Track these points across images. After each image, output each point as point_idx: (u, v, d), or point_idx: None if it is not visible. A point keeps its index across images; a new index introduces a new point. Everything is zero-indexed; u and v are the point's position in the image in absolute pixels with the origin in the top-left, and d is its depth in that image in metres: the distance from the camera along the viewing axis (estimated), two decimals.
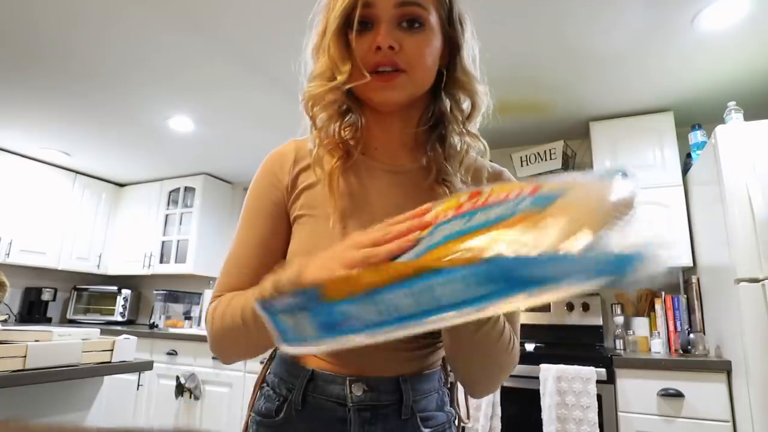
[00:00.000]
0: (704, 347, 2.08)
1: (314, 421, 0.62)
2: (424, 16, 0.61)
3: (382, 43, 0.58)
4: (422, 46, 0.61)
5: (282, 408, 0.63)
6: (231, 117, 2.76)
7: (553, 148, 2.66)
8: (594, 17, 1.77)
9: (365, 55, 0.60)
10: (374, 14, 0.60)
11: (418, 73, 0.62)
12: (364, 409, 0.61)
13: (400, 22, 0.60)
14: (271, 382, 0.67)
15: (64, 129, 3.02)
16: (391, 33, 0.59)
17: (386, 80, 0.60)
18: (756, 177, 1.78)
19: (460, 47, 0.66)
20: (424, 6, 0.61)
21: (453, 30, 0.65)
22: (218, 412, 2.78)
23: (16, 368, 1.33)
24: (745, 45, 1.92)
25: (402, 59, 0.60)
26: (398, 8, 0.59)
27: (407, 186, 0.67)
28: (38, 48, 2.09)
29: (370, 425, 0.61)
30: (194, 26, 1.91)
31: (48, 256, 3.61)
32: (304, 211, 0.67)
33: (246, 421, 0.68)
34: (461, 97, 0.68)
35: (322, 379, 0.62)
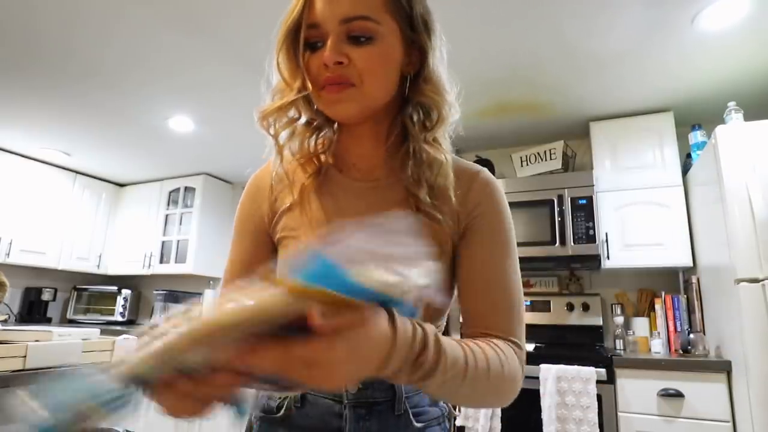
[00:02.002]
0: (704, 347, 2.08)
1: (312, 417, 0.64)
2: (373, 29, 0.59)
3: (328, 60, 0.58)
4: (373, 57, 0.59)
5: (282, 406, 0.66)
6: (231, 117, 2.76)
7: (553, 148, 2.66)
8: (594, 17, 1.77)
9: (317, 72, 0.60)
10: (321, 33, 0.59)
11: (370, 86, 0.60)
12: (359, 405, 0.63)
13: (348, 36, 0.59)
14: None
15: (64, 129, 3.02)
16: (338, 48, 0.58)
17: (334, 93, 0.60)
18: (756, 177, 1.78)
19: (426, 52, 0.64)
20: (372, 18, 0.59)
21: (416, 34, 0.63)
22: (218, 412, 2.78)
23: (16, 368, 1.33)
24: (745, 45, 1.92)
25: (352, 73, 0.59)
26: (344, 24, 0.58)
27: (382, 202, 0.66)
28: (38, 48, 2.09)
29: (365, 421, 0.63)
30: (194, 26, 1.91)
31: (48, 256, 3.61)
32: (286, 233, 0.68)
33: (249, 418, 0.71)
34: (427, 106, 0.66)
35: None
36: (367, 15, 0.59)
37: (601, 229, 2.42)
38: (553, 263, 2.62)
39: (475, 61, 2.02)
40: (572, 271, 2.77)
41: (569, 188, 2.49)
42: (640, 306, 2.55)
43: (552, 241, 2.45)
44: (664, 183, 2.38)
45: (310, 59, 0.61)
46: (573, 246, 2.41)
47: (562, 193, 2.49)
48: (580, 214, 2.43)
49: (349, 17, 0.58)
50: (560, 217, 2.46)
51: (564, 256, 2.43)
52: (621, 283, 2.66)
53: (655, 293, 2.47)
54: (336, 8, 0.58)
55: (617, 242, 2.40)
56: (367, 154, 0.69)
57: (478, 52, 1.98)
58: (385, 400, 0.64)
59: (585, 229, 2.41)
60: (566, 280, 2.78)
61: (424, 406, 0.67)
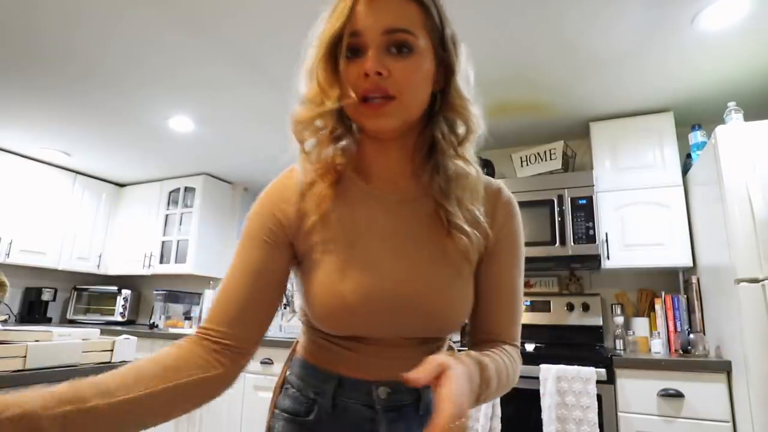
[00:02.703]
0: (704, 347, 2.08)
1: (345, 422, 0.67)
2: (413, 42, 0.60)
3: (370, 70, 0.58)
4: (411, 70, 0.61)
5: (312, 409, 0.68)
6: (231, 117, 2.76)
7: (553, 148, 2.66)
8: (594, 17, 1.77)
9: (355, 81, 0.60)
10: (363, 42, 0.60)
11: (409, 99, 0.62)
12: (389, 409, 0.67)
13: (388, 47, 0.60)
14: (296, 384, 0.71)
15: (64, 129, 3.02)
16: (379, 59, 0.59)
17: (376, 108, 0.60)
18: (756, 177, 1.78)
19: (454, 70, 0.66)
20: (412, 32, 0.60)
21: (446, 53, 0.65)
22: (218, 412, 2.78)
23: (16, 368, 1.33)
24: (745, 45, 1.92)
25: (391, 85, 0.60)
26: (386, 35, 0.60)
27: (413, 215, 0.68)
28: (39, 48, 2.09)
29: (395, 423, 0.67)
30: (194, 27, 1.91)
31: (48, 256, 3.61)
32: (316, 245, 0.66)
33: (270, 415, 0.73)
34: (456, 120, 0.67)
35: (349, 384, 0.67)
36: (408, 28, 0.60)
37: (601, 229, 2.42)
38: (553, 263, 2.62)
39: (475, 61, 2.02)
40: (572, 271, 2.77)
41: (569, 188, 2.49)
42: (640, 306, 2.55)
43: (552, 241, 2.45)
44: (664, 183, 2.38)
45: (349, 68, 0.61)
46: (573, 246, 2.41)
47: (562, 193, 2.49)
48: (580, 214, 2.43)
49: (392, 29, 0.59)
50: (560, 217, 2.46)
51: (564, 256, 2.43)
52: (621, 283, 2.66)
53: (655, 293, 2.47)
54: (380, 19, 0.60)
55: (617, 242, 2.40)
56: (394, 167, 0.70)
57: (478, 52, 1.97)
58: (411, 402, 0.68)
59: (585, 229, 2.41)
60: (566, 280, 2.78)
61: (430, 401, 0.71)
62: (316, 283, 0.64)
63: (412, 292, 0.64)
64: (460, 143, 0.68)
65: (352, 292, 0.62)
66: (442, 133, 0.67)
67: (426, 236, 0.67)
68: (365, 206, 0.68)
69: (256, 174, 3.77)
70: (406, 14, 0.61)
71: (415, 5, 0.62)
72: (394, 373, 0.64)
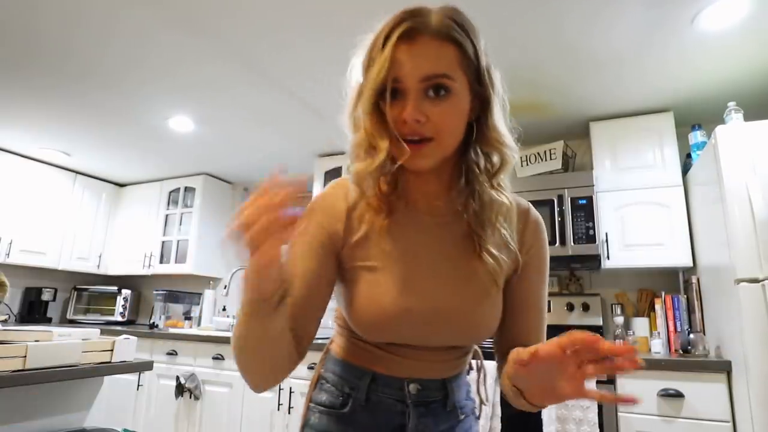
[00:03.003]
0: (704, 347, 2.08)
1: (377, 415, 0.72)
2: (450, 84, 0.63)
3: (409, 118, 0.62)
4: (448, 113, 0.64)
5: (347, 402, 0.74)
6: (231, 117, 2.76)
7: (553, 148, 2.66)
8: (594, 17, 1.77)
9: (395, 124, 0.64)
10: (402, 87, 0.63)
11: (446, 140, 0.66)
12: (419, 404, 0.73)
13: (426, 91, 0.63)
14: (331, 379, 0.77)
15: (64, 129, 3.02)
16: (417, 106, 0.62)
17: (415, 150, 0.64)
18: (756, 177, 1.78)
19: (490, 102, 0.68)
20: (449, 75, 0.63)
21: (482, 87, 0.67)
22: (218, 412, 2.78)
23: (16, 368, 1.33)
24: (745, 45, 1.92)
25: (429, 129, 0.63)
26: (424, 82, 0.62)
27: (443, 236, 0.73)
28: (38, 48, 2.09)
29: (424, 417, 0.73)
30: (194, 26, 1.91)
31: (48, 256, 3.61)
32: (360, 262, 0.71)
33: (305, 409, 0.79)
34: (491, 151, 0.71)
35: (382, 381, 0.73)
36: (445, 72, 0.63)
37: (601, 229, 2.42)
38: (553, 263, 2.59)
39: None
40: (572, 271, 2.77)
41: (569, 188, 2.49)
42: (640, 306, 2.55)
43: (552, 241, 2.45)
44: (664, 183, 2.38)
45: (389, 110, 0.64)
46: (573, 246, 2.41)
47: (562, 193, 2.49)
48: (580, 214, 2.43)
49: (430, 75, 0.62)
50: (560, 217, 2.46)
51: (564, 256, 2.43)
52: (621, 283, 2.66)
53: (655, 293, 2.47)
54: (418, 66, 0.62)
55: (617, 242, 2.40)
56: (431, 193, 0.74)
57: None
58: (439, 399, 0.74)
59: (585, 229, 2.41)
60: (566, 280, 2.78)
61: (463, 400, 0.78)
62: (360, 294, 0.70)
63: (445, 309, 0.69)
64: (494, 174, 0.71)
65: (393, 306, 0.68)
66: (477, 164, 0.71)
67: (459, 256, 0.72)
68: (406, 226, 0.73)
69: (256, 174, 3.77)
70: (443, 58, 0.63)
71: (452, 46, 0.64)
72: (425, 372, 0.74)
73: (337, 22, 1.83)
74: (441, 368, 0.75)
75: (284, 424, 2.54)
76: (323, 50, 2.02)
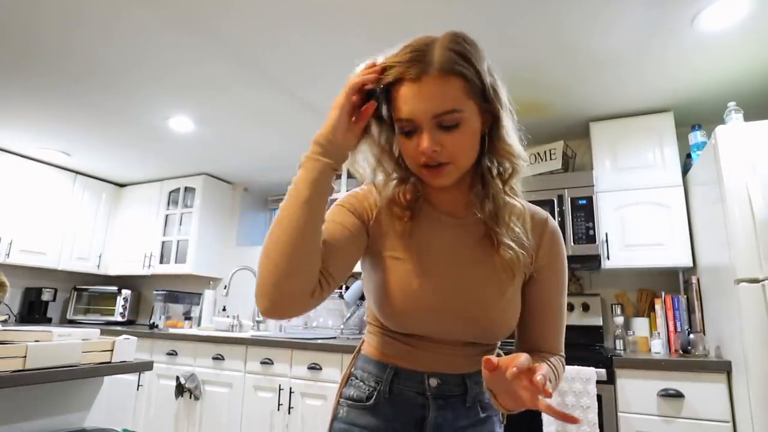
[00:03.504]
0: (704, 347, 2.08)
1: (399, 406, 0.78)
2: (459, 117, 0.69)
3: (426, 150, 0.69)
4: (460, 140, 0.70)
5: (372, 395, 0.79)
6: (231, 117, 2.76)
7: (554, 148, 2.66)
8: (594, 17, 1.77)
9: (413, 154, 0.71)
10: (416, 125, 0.70)
11: (461, 162, 0.72)
12: (438, 397, 0.77)
13: (438, 126, 0.69)
14: (360, 376, 0.83)
15: (64, 129, 3.02)
16: (432, 139, 0.69)
17: (435, 173, 0.72)
18: (756, 177, 1.78)
19: (499, 116, 0.73)
20: (457, 109, 0.68)
21: (490, 104, 0.72)
22: (218, 412, 2.78)
23: (17, 368, 1.33)
24: (745, 45, 1.92)
25: (445, 156, 0.70)
26: (435, 118, 0.68)
27: (467, 235, 0.80)
28: (37, 48, 2.09)
29: (443, 410, 0.77)
30: (193, 26, 1.91)
31: (48, 256, 3.61)
32: (388, 252, 0.79)
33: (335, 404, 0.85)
34: (503, 161, 0.77)
35: (404, 375, 0.79)
36: (453, 108, 0.68)
37: (601, 230, 2.42)
38: None
39: None
40: (572, 271, 2.77)
41: (569, 188, 2.49)
42: (640, 306, 2.55)
43: None
44: (664, 183, 2.38)
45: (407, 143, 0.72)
46: (573, 246, 2.41)
47: (562, 194, 2.49)
48: (580, 215, 2.43)
49: (439, 113, 0.68)
50: (560, 217, 2.46)
51: None
52: (621, 283, 2.66)
53: (655, 293, 2.47)
54: (428, 106, 0.68)
55: (617, 242, 2.40)
56: (450, 199, 0.81)
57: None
58: (459, 394, 0.78)
59: (585, 230, 2.41)
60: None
61: (488, 400, 0.80)
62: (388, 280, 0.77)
63: (465, 304, 0.75)
64: (505, 181, 0.78)
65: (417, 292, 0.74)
66: (491, 172, 0.78)
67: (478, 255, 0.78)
68: (429, 226, 0.80)
69: (256, 174, 3.77)
70: (450, 93, 0.68)
71: (457, 79, 0.68)
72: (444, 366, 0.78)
73: (336, 22, 1.83)
74: (461, 363, 0.79)
75: (284, 424, 2.54)
76: (323, 50, 2.02)
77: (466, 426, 0.78)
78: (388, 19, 1.79)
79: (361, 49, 2.26)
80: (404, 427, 0.77)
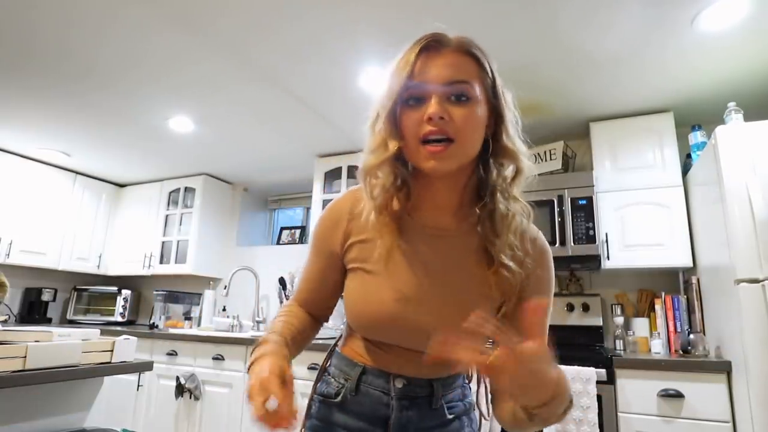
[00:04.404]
0: (704, 348, 2.08)
1: (364, 405, 0.78)
2: (470, 91, 0.68)
3: (434, 114, 0.66)
4: (469, 116, 0.68)
5: (340, 392, 0.80)
6: (231, 117, 2.76)
7: (554, 148, 2.66)
8: (593, 17, 1.77)
9: (416, 126, 0.68)
10: (425, 91, 0.68)
11: (466, 142, 0.69)
12: (403, 398, 0.77)
13: (448, 97, 0.68)
14: (332, 372, 0.84)
15: (63, 129, 3.02)
16: (441, 105, 0.67)
17: (437, 150, 0.67)
18: (756, 177, 1.78)
19: (504, 116, 0.73)
20: (470, 82, 0.69)
21: (497, 101, 0.72)
22: (218, 412, 2.78)
23: (16, 369, 1.33)
24: (745, 45, 1.92)
25: (451, 128, 0.67)
26: (447, 86, 0.68)
27: (453, 250, 0.76)
28: (35, 48, 2.09)
29: (407, 410, 0.77)
30: (192, 25, 1.91)
31: (48, 256, 3.61)
32: (357, 264, 0.79)
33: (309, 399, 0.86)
34: (506, 163, 0.74)
35: (372, 373, 0.79)
36: (466, 79, 0.68)
37: (601, 230, 2.42)
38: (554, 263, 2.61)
39: None
40: (572, 271, 2.77)
41: (569, 189, 2.49)
42: (640, 306, 2.55)
43: (552, 241, 2.44)
44: (664, 183, 2.38)
45: (412, 114, 0.68)
46: (573, 246, 2.41)
47: (562, 194, 2.49)
48: (580, 215, 2.43)
49: (452, 80, 0.68)
50: (560, 217, 2.46)
51: (564, 256, 2.43)
52: (621, 284, 2.66)
53: (655, 293, 2.47)
54: (441, 72, 0.68)
55: (617, 242, 2.40)
56: (440, 203, 0.77)
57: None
58: (424, 396, 0.77)
59: (585, 230, 2.41)
60: (566, 281, 2.78)
61: (456, 401, 0.81)
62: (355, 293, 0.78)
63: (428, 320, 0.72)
64: (509, 184, 0.75)
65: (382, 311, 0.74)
66: (494, 176, 0.74)
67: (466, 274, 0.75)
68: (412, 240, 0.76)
69: (256, 174, 3.77)
70: (464, 67, 0.69)
71: (471, 59, 0.70)
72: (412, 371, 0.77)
73: (337, 21, 1.83)
74: (429, 370, 0.78)
75: None
76: (324, 50, 2.02)
77: (432, 427, 0.78)
78: (388, 18, 1.79)
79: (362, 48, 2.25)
80: (370, 425, 0.77)
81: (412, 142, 0.69)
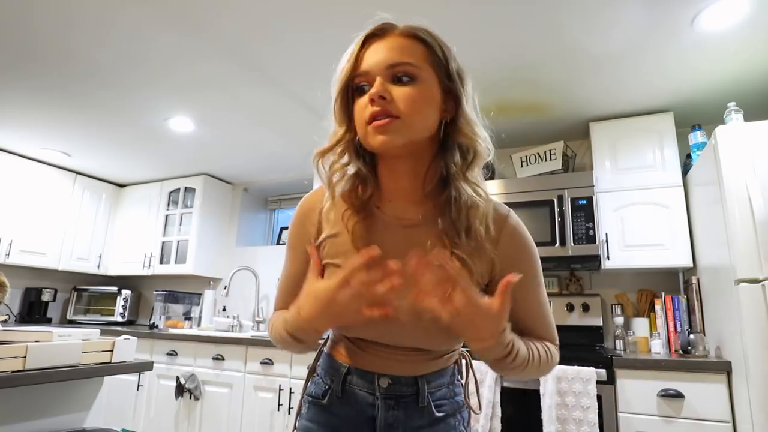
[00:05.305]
0: (704, 348, 2.08)
1: (351, 405, 0.78)
2: (414, 72, 0.69)
3: (374, 94, 0.67)
4: (412, 94, 0.68)
5: (327, 394, 0.80)
6: (231, 117, 2.76)
7: (553, 148, 2.66)
8: (593, 17, 1.77)
9: (363, 110, 0.69)
10: (370, 78, 0.70)
11: (412, 118, 0.68)
12: (388, 397, 0.76)
13: (392, 79, 0.69)
14: (320, 373, 0.84)
15: (63, 129, 3.02)
16: (383, 86, 0.68)
17: (381, 124, 0.68)
18: (756, 177, 1.78)
19: (461, 99, 0.73)
20: (414, 64, 0.69)
21: (452, 84, 0.72)
22: (218, 412, 2.78)
23: (16, 369, 1.33)
24: (744, 45, 1.92)
25: (394, 108, 0.68)
26: (389, 69, 0.69)
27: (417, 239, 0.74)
28: (36, 48, 2.09)
29: (394, 410, 0.76)
30: (192, 25, 1.91)
31: (48, 256, 3.61)
32: (328, 259, 0.78)
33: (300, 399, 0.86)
34: (465, 146, 0.74)
35: (357, 373, 0.78)
36: (409, 61, 0.69)
37: (601, 230, 2.42)
38: (553, 264, 2.62)
39: (474, 61, 2.02)
40: (572, 271, 2.77)
41: (569, 189, 2.49)
42: (640, 306, 2.55)
43: (552, 241, 2.45)
44: (664, 183, 2.38)
45: (359, 101, 0.71)
46: (573, 246, 2.41)
47: (562, 194, 2.49)
48: (580, 215, 2.43)
49: (394, 63, 0.69)
50: (560, 217, 2.46)
51: (564, 256, 2.43)
52: (621, 284, 2.66)
53: (655, 294, 2.47)
54: (383, 56, 0.70)
55: (617, 243, 2.40)
56: (404, 191, 0.77)
57: (478, 52, 1.98)
58: (411, 395, 0.77)
59: (585, 230, 2.41)
60: (566, 281, 2.78)
61: (444, 399, 0.79)
62: None
63: None
64: (468, 167, 0.74)
65: None
66: (453, 160, 0.73)
67: None
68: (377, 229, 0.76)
69: (256, 174, 3.78)
70: (408, 50, 0.70)
71: (418, 43, 0.71)
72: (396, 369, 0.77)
73: (336, 21, 1.83)
74: (412, 367, 0.78)
75: (284, 424, 2.54)
76: (323, 49, 2.02)
77: (421, 426, 0.77)
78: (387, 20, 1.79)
79: None
80: (357, 425, 0.77)
81: (361, 126, 0.70)
